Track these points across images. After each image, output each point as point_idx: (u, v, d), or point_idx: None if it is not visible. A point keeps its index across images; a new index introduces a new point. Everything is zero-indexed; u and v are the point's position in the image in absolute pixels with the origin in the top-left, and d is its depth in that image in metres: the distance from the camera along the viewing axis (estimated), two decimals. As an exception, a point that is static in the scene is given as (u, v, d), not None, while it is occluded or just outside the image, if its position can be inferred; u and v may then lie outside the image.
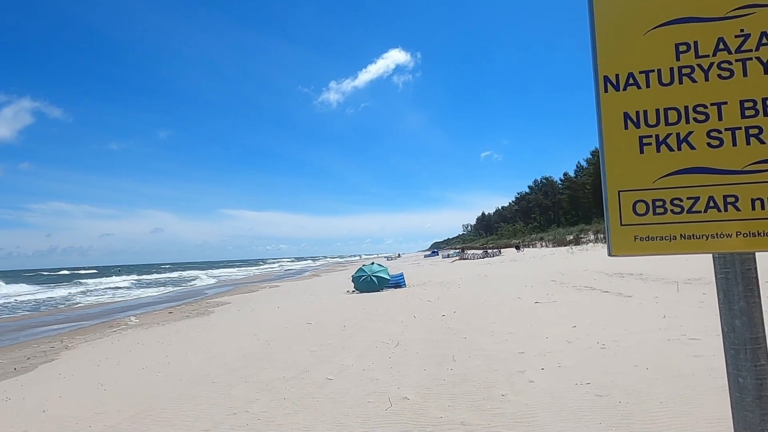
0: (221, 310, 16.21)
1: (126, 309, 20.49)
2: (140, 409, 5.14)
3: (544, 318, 8.38)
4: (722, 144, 1.33)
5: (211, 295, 25.52)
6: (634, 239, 1.39)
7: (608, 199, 1.42)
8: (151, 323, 14.15)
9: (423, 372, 5.56)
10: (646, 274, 13.16)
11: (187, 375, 6.46)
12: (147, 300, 25.83)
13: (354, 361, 6.39)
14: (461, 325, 8.32)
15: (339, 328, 9.22)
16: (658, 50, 1.40)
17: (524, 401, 4.32)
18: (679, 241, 1.34)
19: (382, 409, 4.44)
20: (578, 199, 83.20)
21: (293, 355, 7.05)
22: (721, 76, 1.34)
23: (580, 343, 6.23)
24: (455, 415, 4.16)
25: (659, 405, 3.95)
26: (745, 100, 1.32)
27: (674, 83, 1.38)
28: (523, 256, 37.29)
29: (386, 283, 17.84)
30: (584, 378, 4.79)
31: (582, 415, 3.91)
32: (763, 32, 1.31)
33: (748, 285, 1.25)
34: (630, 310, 8.46)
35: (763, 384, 1.20)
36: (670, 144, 1.37)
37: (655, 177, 1.38)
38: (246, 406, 4.89)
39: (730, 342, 1.25)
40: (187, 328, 11.99)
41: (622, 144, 1.41)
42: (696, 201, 1.34)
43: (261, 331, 9.72)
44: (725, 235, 1.30)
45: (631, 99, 1.41)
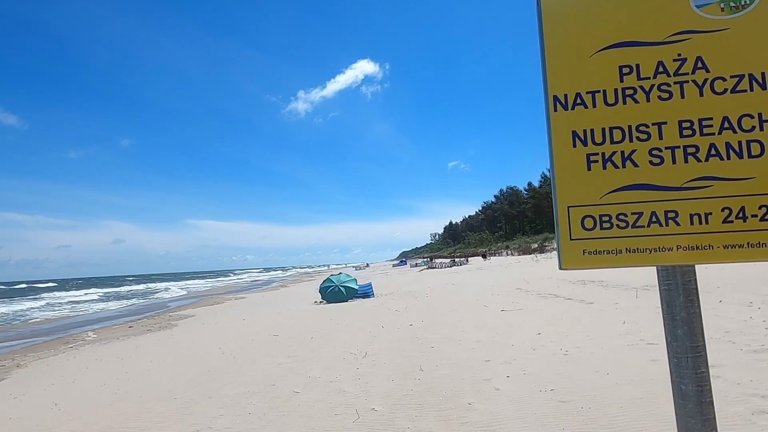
0: (185, 324, 15.78)
1: (84, 324, 19.69)
2: (98, 428, 4.94)
3: (509, 326, 8.51)
4: (663, 162, 1.40)
5: (174, 308, 24.82)
6: (583, 253, 1.44)
7: (558, 214, 1.47)
8: (110, 338, 13.64)
9: (391, 382, 5.55)
10: (606, 281, 13.56)
11: (148, 391, 6.26)
12: (106, 314, 24.89)
13: (321, 372, 6.33)
14: (429, 335, 8.36)
15: (306, 339, 9.11)
16: (603, 72, 1.46)
17: (490, 409, 4.37)
18: (625, 254, 1.40)
19: (350, 422, 4.41)
20: (542, 208, 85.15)
21: (259, 369, 6.92)
22: (661, 97, 1.41)
23: (544, 350, 6.35)
24: (422, 425, 4.17)
25: (620, 409, 4.06)
26: (683, 121, 1.39)
27: (618, 103, 1.44)
28: (490, 265, 37.83)
29: (354, 293, 17.78)
30: (548, 384, 4.88)
31: (546, 421, 3.98)
32: (698, 57, 1.39)
33: (688, 296, 1.31)
34: (592, 316, 8.69)
35: (703, 391, 1.26)
36: (615, 161, 1.43)
37: (602, 193, 1.44)
38: (210, 422, 4.76)
39: (673, 351, 1.31)
40: (148, 342, 11.62)
41: (570, 161, 1.47)
42: (640, 216, 1.40)
43: (226, 345, 9.52)
44: (667, 248, 1.36)
45: (579, 118, 1.47)
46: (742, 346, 5.49)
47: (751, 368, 4.71)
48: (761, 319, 6.76)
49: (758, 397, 3.95)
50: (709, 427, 1.24)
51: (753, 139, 1.34)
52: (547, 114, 1.49)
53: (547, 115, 1.49)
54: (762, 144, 1.33)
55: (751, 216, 1.32)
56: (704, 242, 1.34)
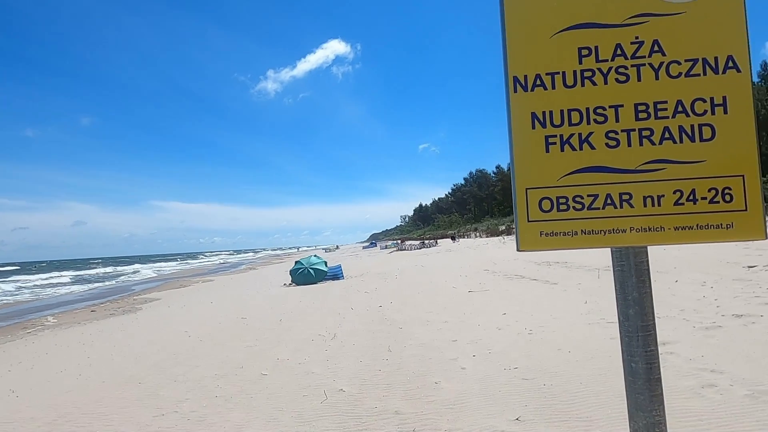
0: (150, 307, 15.47)
1: (43, 308, 19.06)
2: (57, 415, 4.82)
3: (476, 306, 8.67)
4: (619, 144, 1.42)
5: (139, 291, 24.28)
6: (540, 234, 1.45)
7: (516, 196, 1.48)
8: (71, 323, 13.26)
9: (359, 363, 5.59)
10: (570, 262, 13.94)
11: (111, 376, 6.13)
12: (67, 298, 24.15)
13: (290, 355, 6.32)
14: (398, 316, 8.44)
15: (275, 322, 9.07)
16: (563, 53, 1.46)
17: (456, 388, 4.46)
18: (580, 236, 1.43)
19: (318, 403, 4.43)
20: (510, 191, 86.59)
21: (226, 352, 6.86)
22: (619, 80, 1.43)
23: (510, 330, 6.51)
24: (390, 404, 4.22)
25: (580, 385, 4.20)
26: (639, 104, 1.41)
27: (577, 85, 1.45)
28: (459, 247, 38.35)
29: (324, 275, 17.76)
30: (512, 363, 5.01)
31: (510, 398, 4.09)
32: (655, 40, 1.41)
33: (640, 276, 1.35)
34: (555, 296, 8.94)
35: (652, 368, 1.31)
36: (573, 144, 1.44)
37: (559, 175, 1.45)
38: (175, 406, 4.71)
39: (625, 329, 1.35)
40: (111, 327, 11.35)
41: (529, 143, 1.47)
42: (595, 198, 1.42)
43: (193, 328, 9.38)
44: (621, 230, 1.39)
45: (538, 100, 1.47)
46: (695, 324, 5.75)
47: (703, 344, 4.95)
48: (713, 297, 7.09)
49: (708, 371, 4.16)
50: (656, 402, 1.29)
51: (705, 123, 1.37)
52: (507, 95, 1.49)
53: (507, 96, 1.49)
54: (713, 128, 1.36)
55: (701, 198, 1.36)
56: (656, 224, 1.37)
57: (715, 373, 4.12)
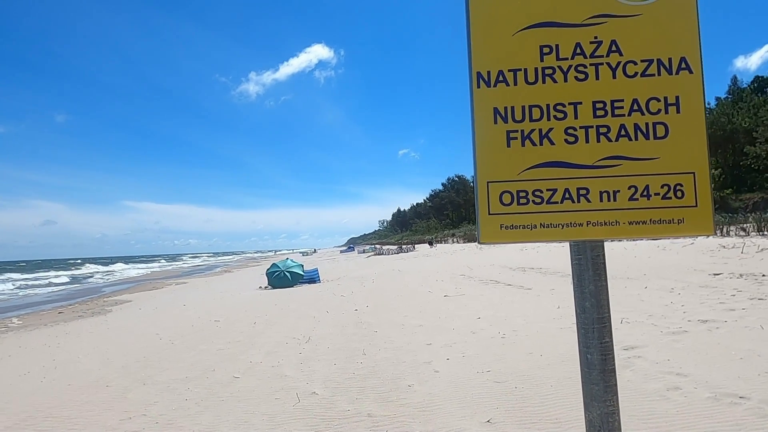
0: (120, 309, 15.11)
1: (7, 309, 18.43)
2: (18, 419, 4.66)
3: (451, 311, 8.72)
4: (577, 140, 1.45)
5: (109, 293, 23.68)
6: (500, 228, 1.48)
7: (478, 189, 1.50)
8: (36, 325, 12.85)
9: (333, 366, 5.55)
10: (545, 268, 14.14)
11: (77, 379, 5.96)
12: (33, 299, 23.40)
13: (263, 358, 6.24)
14: (373, 319, 8.42)
15: (248, 325, 8.96)
16: (525, 51, 1.50)
17: (429, 391, 4.47)
18: (540, 229, 1.45)
19: (290, 406, 4.38)
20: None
21: (198, 354, 6.74)
22: (578, 78, 1.47)
23: (483, 334, 6.56)
24: (363, 407, 4.20)
25: (550, 388, 4.26)
26: (597, 101, 1.45)
27: (538, 82, 1.49)
28: (436, 252, 38.52)
29: (300, 278, 17.64)
30: (485, 366, 5.05)
31: (482, 401, 4.12)
32: (613, 40, 1.46)
33: (596, 270, 1.38)
34: (529, 301, 9.04)
35: (606, 359, 1.34)
36: (533, 139, 1.48)
37: (520, 169, 1.48)
38: (143, 409, 4.60)
39: (581, 322, 1.38)
40: (79, 329, 11.04)
41: (491, 138, 1.50)
42: (554, 192, 1.45)
43: (164, 330, 9.19)
44: (578, 224, 1.43)
45: (501, 95, 1.50)
46: (663, 329, 5.89)
47: (669, 348, 5.07)
48: (680, 303, 7.28)
49: (673, 375, 4.26)
50: (610, 393, 1.32)
51: (659, 121, 1.41)
52: (471, 90, 1.51)
53: (470, 91, 1.51)
54: (666, 126, 1.41)
55: (654, 194, 1.40)
56: (612, 218, 1.41)
57: (681, 376, 4.22)
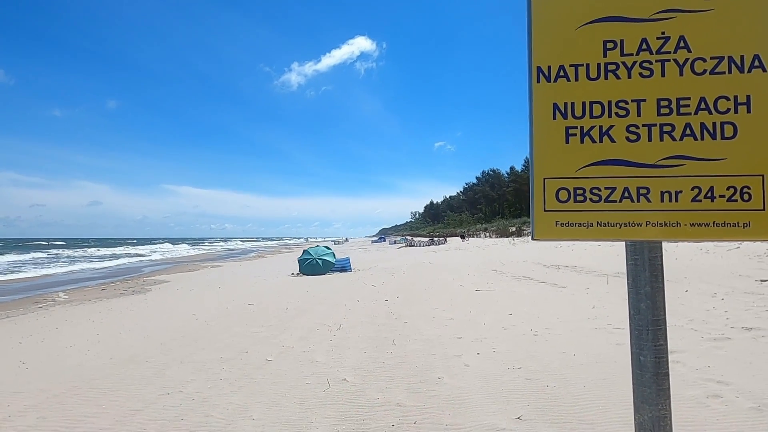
0: (159, 289, 15.65)
1: (54, 284, 19.37)
2: (65, 388, 4.90)
3: (483, 305, 8.66)
4: (639, 138, 1.41)
5: (148, 273, 24.55)
6: (555, 224, 1.46)
7: (534, 185, 1.48)
8: (81, 300, 13.46)
9: (363, 355, 5.62)
10: (580, 266, 13.85)
11: (119, 354, 6.22)
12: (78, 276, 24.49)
13: (295, 343, 6.37)
14: (403, 310, 8.46)
15: (281, 310, 9.14)
16: (587, 46, 1.46)
17: (459, 384, 4.47)
18: (596, 228, 1.43)
19: (321, 391, 4.46)
20: (523, 192, 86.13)
21: (232, 336, 6.93)
22: (642, 74, 1.42)
23: (515, 330, 6.50)
24: (392, 396, 4.24)
25: (583, 389, 4.19)
26: (661, 99, 1.41)
27: (600, 78, 1.45)
28: (468, 245, 38.25)
29: (331, 266, 17.82)
30: (516, 363, 5.01)
31: (512, 397, 4.09)
32: (681, 36, 1.40)
33: (653, 271, 1.35)
34: (563, 300, 8.89)
35: (660, 362, 1.31)
36: (593, 136, 1.45)
37: (578, 166, 1.45)
38: (180, 386, 4.77)
39: (635, 324, 1.35)
40: (121, 305, 11.50)
41: (549, 133, 1.48)
42: (612, 191, 1.42)
43: (200, 311, 9.48)
44: (636, 224, 1.39)
45: (561, 91, 1.48)
46: (703, 334, 5.70)
47: (710, 355, 4.90)
48: (723, 309, 7.01)
49: (714, 382, 4.13)
50: (663, 396, 1.29)
51: (727, 121, 1.36)
52: (530, 85, 1.49)
53: (529, 86, 1.49)
54: (735, 126, 1.36)
55: (719, 196, 1.35)
56: (673, 219, 1.37)
57: (721, 384, 4.08)
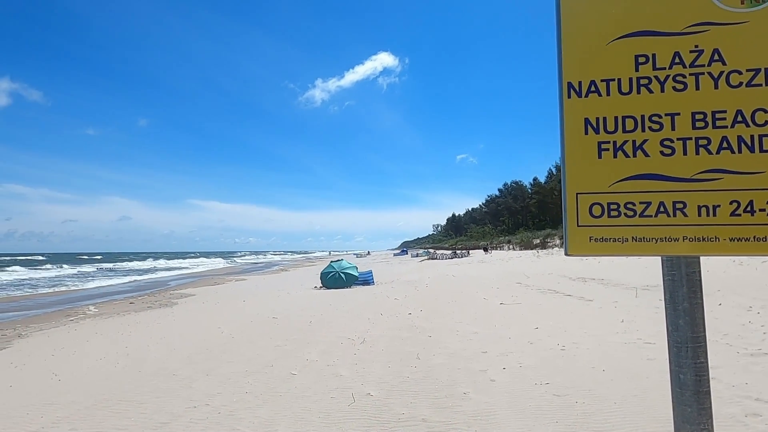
0: (185, 302, 15.88)
1: (85, 298, 19.84)
2: (96, 400, 5.01)
3: (508, 319, 8.54)
4: (674, 152, 1.40)
5: (174, 287, 24.95)
6: (589, 240, 1.45)
7: (567, 200, 1.47)
8: (110, 313, 13.75)
9: (387, 369, 5.59)
10: (607, 279, 13.55)
11: (147, 367, 6.32)
12: (107, 289, 25.05)
13: (318, 356, 6.38)
14: (427, 324, 8.40)
15: (305, 323, 9.17)
16: (619, 60, 1.46)
17: (485, 399, 4.41)
18: (631, 243, 1.41)
19: (345, 405, 4.45)
20: (546, 204, 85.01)
21: (257, 350, 6.98)
22: (676, 88, 1.41)
23: (542, 345, 6.38)
24: (417, 411, 4.21)
25: (614, 405, 4.08)
26: (696, 112, 1.39)
27: (633, 93, 1.44)
28: (491, 258, 37.85)
29: (354, 280, 17.84)
30: (544, 378, 4.91)
31: (540, 413, 4.01)
32: (716, 49, 1.39)
33: (692, 287, 1.32)
34: (590, 313, 8.71)
35: (701, 380, 1.27)
36: (626, 150, 1.43)
37: (611, 181, 1.44)
38: (207, 399, 4.82)
39: (674, 340, 1.32)
40: (148, 319, 11.71)
41: (581, 148, 1.47)
42: (648, 206, 1.40)
43: (225, 324, 9.59)
44: (673, 239, 1.37)
45: (592, 106, 1.47)
46: (739, 349, 5.50)
47: (747, 371, 4.73)
48: (759, 323, 6.77)
49: (752, 400, 3.98)
50: (705, 416, 1.25)
51: (765, 133, 1.33)
52: (560, 101, 1.49)
53: (560, 101, 1.49)
54: None
55: (759, 210, 1.32)
56: (711, 234, 1.34)
57: (760, 401, 3.93)
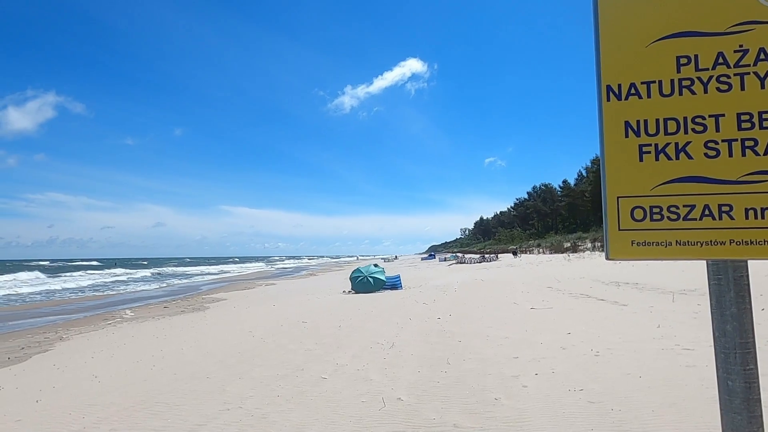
0: (217, 306, 16.20)
1: (121, 302, 20.46)
2: (134, 402, 5.15)
3: (539, 324, 8.41)
4: (719, 155, 1.36)
5: (206, 291, 25.49)
6: (631, 244, 1.42)
7: (607, 204, 1.45)
8: (146, 317, 14.14)
9: (417, 374, 5.57)
10: (642, 283, 13.19)
11: (182, 370, 6.47)
12: (143, 294, 25.78)
13: (348, 360, 6.41)
14: (456, 329, 8.34)
15: (334, 327, 9.23)
16: (659, 62, 1.43)
17: (517, 405, 4.34)
18: (675, 247, 1.38)
19: (376, 409, 4.46)
20: (577, 206, 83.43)
21: (288, 354, 7.06)
22: (720, 89, 1.37)
23: (575, 350, 6.26)
24: (448, 417, 4.18)
25: (651, 413, 3.97)
26: (742, 113, 1.35)
27: (674, 94, 1.41)
28: (520, 262, 37.34)
29: (383, 284, 17.87)
30: (577, 384, 4.81)
31: (575, 420, 3.93)
32: (761, 48, 1.35)
33: (739, 291, 1.28)
34: (625, 318, 8.49)
35: (751, 387, 1.23)
36: (668, 153, 1.40)
37: (654, 184, 1.42)
38: (240, 402, 4.90)
39: (721, 346, 1.28)
40: (182, 323, 11.99)
41: (622, 152, 1.45)
42: (692, 209, 1.37)
43: (256, 329, 9.73)
44: (719, 242, 1.33)
45: (633, 108, 1.45)
46: (785, 357, 5.27)
47: (794, 379, 4.53)
48: (807, 329, 6.47)
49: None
50: (755, 425, 1.21)
51: None
52: (599, 104, 1.48)
53: (599, 104, 1.48)
54: None
55: None
56: (759, 237, 1.30)
57: (810, 411, 3.76)
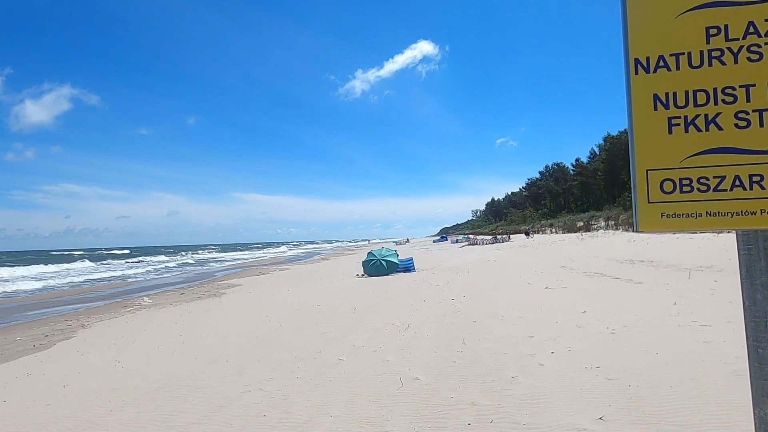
0: (233, 292, 16.42)
1: (139, 290, 20.82)
2: (157, 385, 5.28)
3: (553, 303, 8.42)
4: (749, 125, 1.34)
5: (222, 277, 25.82)
6: (661, 216, 1.43)
7: (636, 177, 1.45)
8: (164, 304, 14.38)
9: (433, 354, 5.63)
10: (657, 261, 13.11)
11: (201, 354, 6.60)
12: (159, 281, 26.19)
13: (365, 342, 6.48)
14: (471, 309, 8.38)
15: (349, 310, 9.33)
16: (688, 33, 1.41)
17: (534, 383, 4.38)
18: (705, 218, 1.38)
19: (394, 389, 4.52)
20: (590, 185, 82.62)
21: (305, 337, 7.16)
22: (751, 59, 1.35)
23: (590, 328, 6.27)
24: (466, 395, 4.23)
25: (669, 389, 3.98)
26: None
27: (704, 66, 1.40)
28: (533, 242, 37.23)
29: (396, 267, 17.94)
30: (594, 362, 4.83)
31: (592, 397, 3.96)
32: None
33: (770, 260, 1.28)
34: (640, 296, 8.47)
35: (780, 355, 1.24)
36: (698, 125, 1.39)
37: (683, 156, 1.41)
38: (260, 384, 5.00)
39: (751, 315, 1.29)
40: (199, 308, 12.19)
41: (651, 125, 1.44)
42: (722, 180, 1.37)
43: (272, 313, 9.87)
44: (750, 212, 1.33)
45: (661, 81, 1.44)
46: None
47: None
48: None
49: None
50: (785, 391, 1.23)
51: None
52: (627, 77, 1.46)
53: (627, 78, 1.46)
54: None
55: None
56: None
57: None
